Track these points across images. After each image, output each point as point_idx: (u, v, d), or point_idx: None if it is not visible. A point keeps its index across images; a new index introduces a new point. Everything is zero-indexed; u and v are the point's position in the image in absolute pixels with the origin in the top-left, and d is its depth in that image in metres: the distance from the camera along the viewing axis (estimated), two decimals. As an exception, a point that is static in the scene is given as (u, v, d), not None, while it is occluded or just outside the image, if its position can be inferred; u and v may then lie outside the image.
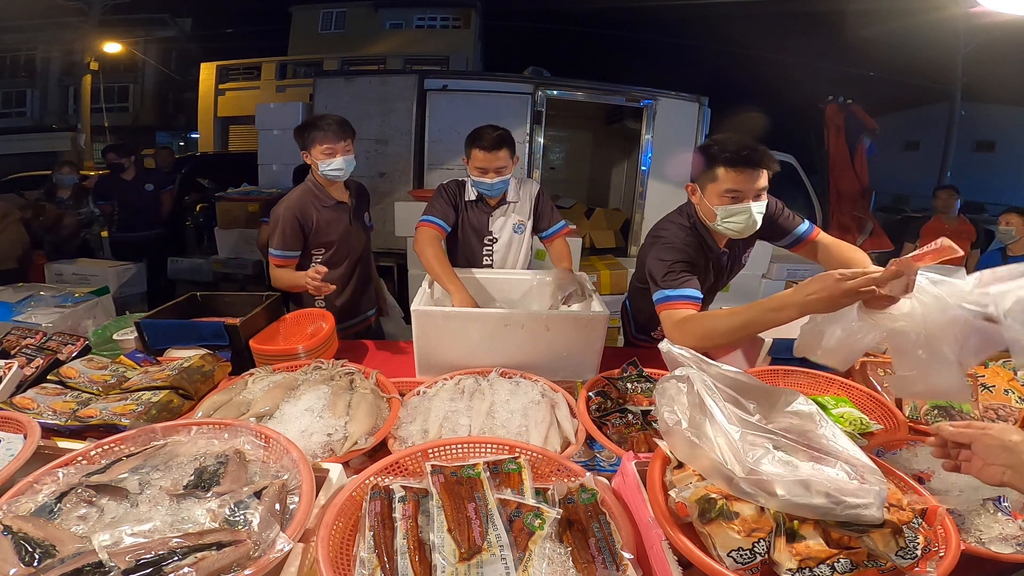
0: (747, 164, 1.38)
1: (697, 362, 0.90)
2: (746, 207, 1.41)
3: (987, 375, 1.55)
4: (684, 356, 0.91)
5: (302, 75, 11.93)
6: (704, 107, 4.46)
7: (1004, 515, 0.92)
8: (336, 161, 1.86)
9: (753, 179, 1.39)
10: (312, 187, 1.93)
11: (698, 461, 0.79)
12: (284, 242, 1.87)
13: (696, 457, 0.79)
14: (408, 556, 0.72)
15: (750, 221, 1.43)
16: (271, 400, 1.19)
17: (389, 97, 4.13)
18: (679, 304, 1.38)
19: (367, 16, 13.46)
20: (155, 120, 16.51)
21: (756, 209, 1.42)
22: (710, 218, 1.49)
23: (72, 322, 1.85)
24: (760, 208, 1.43)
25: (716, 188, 1.43)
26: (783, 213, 1.70)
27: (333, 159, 1.85)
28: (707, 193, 1.46)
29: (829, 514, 0.71)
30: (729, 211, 1.43)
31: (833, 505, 0.70)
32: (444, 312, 1.45)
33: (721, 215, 1.44)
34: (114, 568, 0.63)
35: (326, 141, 1.84)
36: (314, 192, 1.92)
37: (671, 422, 0.83)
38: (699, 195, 1.49)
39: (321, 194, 1.93)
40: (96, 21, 10.52)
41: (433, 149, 4.16)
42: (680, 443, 0.82)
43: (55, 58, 14.57)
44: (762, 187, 1.41)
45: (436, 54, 12.72)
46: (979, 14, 5.52)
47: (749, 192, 1.41)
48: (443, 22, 13.40)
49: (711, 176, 1.43)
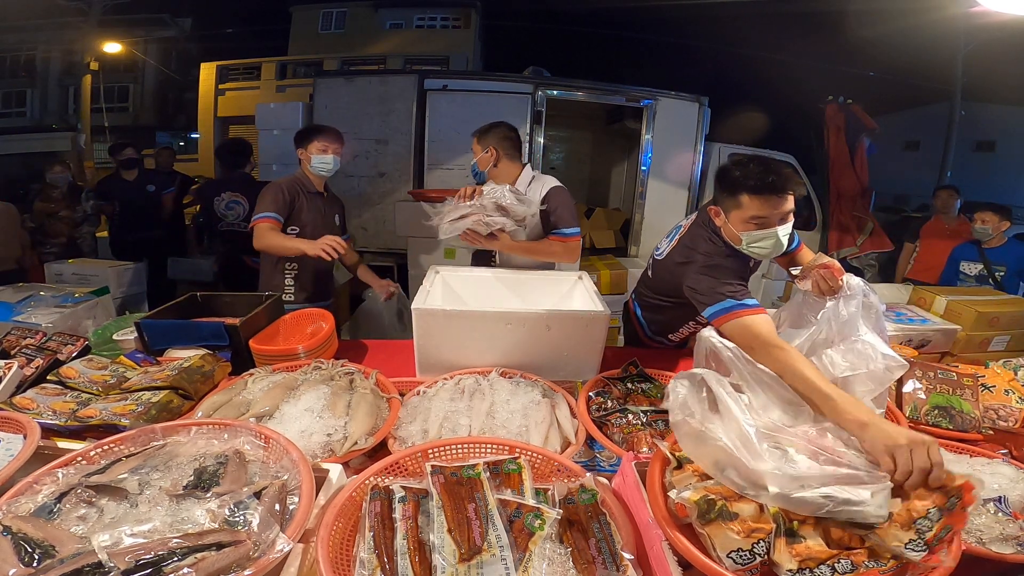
0: (772, 192, 1.33)
1: (739, 357, 0.89)
2: (772, 232, 1.37)
3: (987, 375, 1.55)
4: (727, 349, 0.90)
5: (302, 75, 11.91)
6: (704, 107, 4.46)
7: (1004, 515, 0.92)
8: (327, 157, 2.14)
9: (779, 205, 1.35)
10: (299, 176, 2.20)
11: (706, 454, 0.79)
12: (276, 206, 2.06)
13: (704, 451, 0.79)
14: (408, 556, 0.72)
15: (777, 245, 1.40)
16: (271, 400, 1.18)
17: (389, 97, 4.13)
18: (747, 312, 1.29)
19: (367, 16, 13.46)
20: (155, 120, 16.49)
21: (782, 232, 1.38)
22: (735, 242, 1.45)
23: (72, 322, 1.85)
24: (786, 231, 1.39)
25: (741, 215, 1.39)
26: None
27: (325, 155, 2.13)
28: (731, 219, 1.42)
29: (831, 512, 0.72)
30: (754, 236, 1.39)
31: (837, 505, 0.71)
32: (445, 312, 1.45)
33: (747, 240, 1.41)
34: (114, 568, 0.63)
35: (324, 140, 2.13)
36: (300, 180, 2.18)
37: (682, 413, 0.83)
38: (723, 218, 1.46)
39: (306, 182, 2.19)
40: (96, 21, 10.51)
41: (433, 149, 4.16)
42: (688, 435, 0.82)
43: (55, 58, 14.55)
44: (788, 210, 1.37)
45: (436, 54, 12.71)
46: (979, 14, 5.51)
47: (774, 218, 1.36)
48: (443, 22, 13.40)
49: (735, 203, 1.39)
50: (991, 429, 1.31)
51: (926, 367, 1.48)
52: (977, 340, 1.95)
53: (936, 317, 2.05)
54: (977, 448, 1.20)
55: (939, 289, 2.23)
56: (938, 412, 1.35)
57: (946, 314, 2.04)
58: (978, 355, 1.92)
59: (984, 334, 1.96)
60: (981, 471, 1.07)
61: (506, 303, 1.93)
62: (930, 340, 1.94)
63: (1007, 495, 0.97)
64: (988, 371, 1.58)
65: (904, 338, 1.89)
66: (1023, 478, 1.04)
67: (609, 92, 4.38)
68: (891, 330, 1.89)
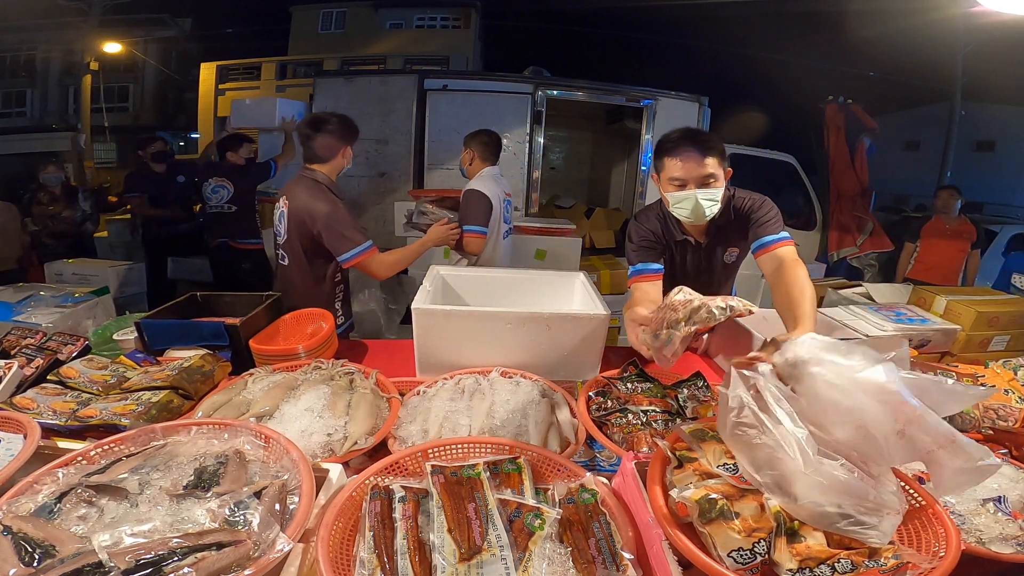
0: (687, 150, 1.44)
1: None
2: (691, 194, 1.46)
3: (987, 375, 1.55)
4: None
5: (302, 75, 11.93)
6: (704, 107, 4.46)
7: (1004, 515, 0.92)
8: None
9: (696, 167, 1.44)
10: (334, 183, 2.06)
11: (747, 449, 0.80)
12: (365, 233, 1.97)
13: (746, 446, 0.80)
14: (408, 556, 0.72)
15: (697, 207, 1.48)
16: (271, 400, 1.18)
17: (389, 97, 4.12)
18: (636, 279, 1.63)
19: (367, 16, 13.47)
20: (155, 120, 16.48)
21: (701, 196, 1.46)
22: (666, 204, 1.57)
23: (72, 322, 1.85)
24: (709, 196, 1.46)
25: (664, 176, 1.51)
26: (762, 216, 1.57)
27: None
28: (661, 182, 1.55)
29: (840, 529, 0.73)
30: (676, 198, 1.50)
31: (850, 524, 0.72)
32: (445, 311, 1.45)
33: (672, 202, 1.52)
34: (114, 568, 0.63)
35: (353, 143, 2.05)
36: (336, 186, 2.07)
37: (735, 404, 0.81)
38: (658, 183, 1.58)
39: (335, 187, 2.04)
40: (96, 21, 10.49)
41: (433, 149, 4.16)
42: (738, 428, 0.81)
43: (55, 58, 14.55)
44: (707, 174, 1.45)
45: (436, 54, 12.73)
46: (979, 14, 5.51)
47: (693, 179, 1.46)
48: (443, 22, 13.41)
49: (660, 165, 1.53)
50: (991, 429, 1.31)
51: (926, 367, 1.48)
52: (977, 340, 1.96)
53: (936, 317, 2.05)
54: (977, 448, 1.20)
55: (939, 289, 2.23)
56: (938, 412, 1.35)
57: (946, 314, 2.04)
58: (978, 355, 1.92)
59: (984, 334, 1.96)
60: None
61: (506, 303, 1.93)
62: (930, 340, 1.95)
63: (1007, 495, 0.97)
64: (988, 371, 1.58)
65: (904, 338, 1.89)
66: (1023, 478, 1.04)
67: (609, 92, 4.38)
68: (891, 330, 1.89)
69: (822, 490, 0.73)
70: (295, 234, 1.96)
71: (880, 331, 1.88)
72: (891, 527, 0.74)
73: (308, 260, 1.99)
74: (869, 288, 2.65)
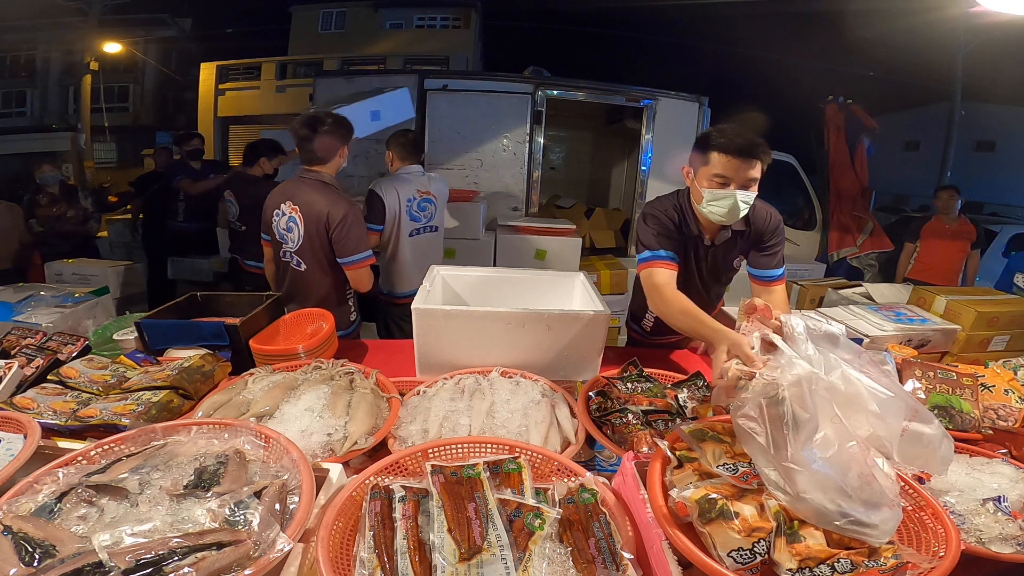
0: (740, 153, 1.43)
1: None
2: (731, 193, 1.46)
3: (987, 375, 1.55)
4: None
5: (302, 75, 11.93)
6: (704, 107, 4.45)
7: (1004, 515, 0.92)
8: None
9: (744, 168, 1.44)
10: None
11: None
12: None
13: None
14: (408, 556, 0.72)
15: (734, 208, 1.48)
16: (271, 400, 1.18)
17: (389, 97, 4.12)
18: (656, 263, 1.55)
19: (367, 16, 13.45)
20: (155, 120, 16.46)
21: (741, 197, 1.46)
22: (697, 199, 1.55)
23: (72, 322, 1.85)
24: (746, 198, 1.47)
25: (707, 171, 1.49)
26: (773, 245, 1.66)
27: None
28: (699, 175, 1.53)
29: (839, 528, 0.73)
30: (715, 195, 1.49)
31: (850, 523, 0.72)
32: (445, 311, 1.45)
33: (708, 198, 1.50)
34: (114, 568, 0.63)
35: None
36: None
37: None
38: (692, 177, 1.57)
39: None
40: (96, 21, 10.49)
41: (433, 149, 4.15)
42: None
43: (55, 58, 14.54)
44: (751, 177, 1.46)
45: (436, 54, 12.71)
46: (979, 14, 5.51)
47: (737, 180, 1.46)
48: (443, 22, 13.39)
49: (705, 159, 1.49)
50: (991, 429, 1.31)
51: (926, 367, 1.48)
52: (977, 340, 1.96)
53: (936, 317, 2.05)
54: (977, 448, 1.20)
55: (939, 289, 2.23)
56: (938, 412, 1.35)
57: (946, 314, 2.04)
58: (978, 355, 1.92)
59: (984, 334, 1.96)
60: (981, 471, 1.07)
61: (506, 303, 1.93)
62: (930, 340, 1.95)
63: (1007, 495, 0.97)
64: (988, 371, 1.58)
65: (904, 338, 1.89)
66: (1023, 478, 1.04)
67: (609, 92, 4.37)
68: (891, 330, 1.89)
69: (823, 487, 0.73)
70: (315, 239, 1.93)
71: (880, 331, 1.89)
72: (892, 527, 0.73)
73: (330, 263, 1.98)
74: (869, 288, 2.65)
